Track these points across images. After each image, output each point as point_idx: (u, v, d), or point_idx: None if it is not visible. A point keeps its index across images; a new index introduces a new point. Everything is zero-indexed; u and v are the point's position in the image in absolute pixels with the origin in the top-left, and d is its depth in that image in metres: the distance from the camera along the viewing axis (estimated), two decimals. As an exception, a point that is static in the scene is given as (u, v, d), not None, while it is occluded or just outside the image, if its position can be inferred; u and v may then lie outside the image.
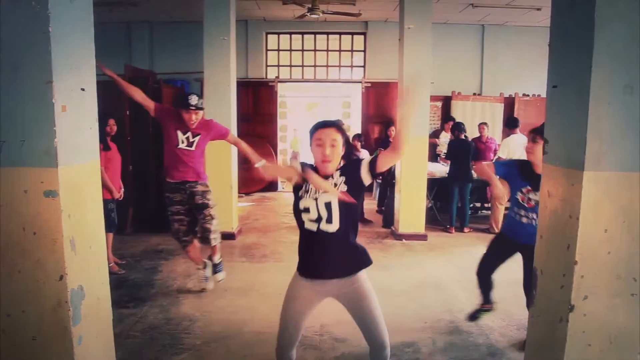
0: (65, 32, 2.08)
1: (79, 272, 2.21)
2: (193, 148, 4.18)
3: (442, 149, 8.35)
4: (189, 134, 4.17)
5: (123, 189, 5.21)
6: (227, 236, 6.17)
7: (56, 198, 2.06)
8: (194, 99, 4.07)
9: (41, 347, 2.16)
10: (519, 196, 3.33)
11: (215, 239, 4.28)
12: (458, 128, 7.11)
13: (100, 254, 2.46)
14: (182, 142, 4.15)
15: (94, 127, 2.37)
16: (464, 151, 6.89)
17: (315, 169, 2.37)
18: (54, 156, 2.04)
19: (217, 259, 4.44)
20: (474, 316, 3.77)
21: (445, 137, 8.41)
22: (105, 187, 4.39)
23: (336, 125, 2.37)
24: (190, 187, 4.20)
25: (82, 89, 2.24)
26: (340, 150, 2.34)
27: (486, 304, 3.75)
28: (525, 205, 3.30)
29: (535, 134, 3.20)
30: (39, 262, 2.10)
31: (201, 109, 4.16)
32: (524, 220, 3.32)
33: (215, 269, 4.44)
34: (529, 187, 3.28)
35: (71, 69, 2.14)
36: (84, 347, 2.24)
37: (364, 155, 7.19)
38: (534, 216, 3.23)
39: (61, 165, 2.06)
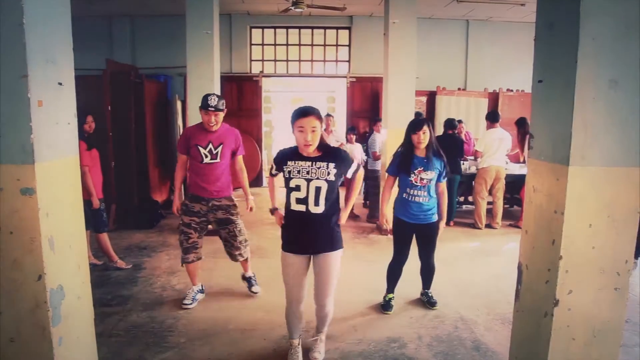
0: (41, 24, 2.02)
1: (58, 272, 2.16)
2: (218, 159, 3.89)
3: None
4: (210, 146, 3.86)
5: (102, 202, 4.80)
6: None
7: (33, 196, 2.00)
8: (213, 100, 3.75)
9: (20, 349, 2.11)
10: (412, 178, 3.71)
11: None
12: (450, 125, 7.17)
13: (80, 252, 2.41)
14: (206, 157, 3.86)
15: (73, 122, 2.31)
16: (452, 145, 6.89)
17: (297, 151, 2.85)
18: (30, 152, 1.98)
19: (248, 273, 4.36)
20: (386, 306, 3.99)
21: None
22: (85, 189, 4.18)
23: (315, 113, 2.79)
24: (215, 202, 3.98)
25: (60, 84, 2.18)
26: (319, 133, 2.78)
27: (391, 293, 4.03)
28: (418, 184, 3.71)
29: None
30: (16, 262, 2.04)
31: (221, 110, 3.82)
32: (417, 199, 3.73)
33: (250, 282, 4.34)
34: (421, 168, 3.69)
35: (48, 63, 2.08)
36: (64, 347, 2.19)
37: (357, 149, 7.16)
38: (425, 194, 3.73)
39: (38, 161, 2.01)
